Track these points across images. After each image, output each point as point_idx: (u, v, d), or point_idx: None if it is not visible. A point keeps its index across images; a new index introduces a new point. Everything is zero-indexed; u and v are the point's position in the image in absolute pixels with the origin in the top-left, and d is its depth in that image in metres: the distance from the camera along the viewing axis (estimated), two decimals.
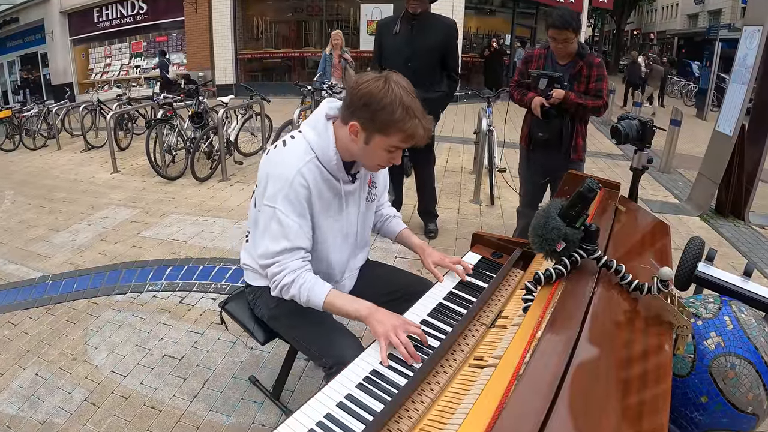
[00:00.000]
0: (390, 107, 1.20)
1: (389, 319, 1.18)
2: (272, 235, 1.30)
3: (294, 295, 1.32)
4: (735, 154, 4.12)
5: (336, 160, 1.32)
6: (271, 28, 13.04)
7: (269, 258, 1.32)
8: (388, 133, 1.23)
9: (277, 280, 1.32)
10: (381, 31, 3.22)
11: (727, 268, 1.46)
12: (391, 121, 1.21)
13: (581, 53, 2.57)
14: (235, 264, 3.06)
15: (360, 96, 1.23)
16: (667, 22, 36.40)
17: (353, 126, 1.25)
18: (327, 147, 1.31)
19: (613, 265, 1.10)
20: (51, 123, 7.76)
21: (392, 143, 1.25)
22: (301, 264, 1.32)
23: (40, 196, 4.87)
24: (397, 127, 1.22)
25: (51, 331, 2.49)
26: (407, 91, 1.23)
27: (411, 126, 1.22)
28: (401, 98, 1.20)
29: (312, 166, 1.31)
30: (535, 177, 2.87)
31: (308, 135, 1.34)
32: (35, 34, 14.85)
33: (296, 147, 1.33)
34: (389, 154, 1.29)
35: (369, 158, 1.32)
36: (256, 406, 1.94)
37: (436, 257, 1.52)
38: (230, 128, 5.71)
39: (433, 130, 3.35)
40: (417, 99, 1.25)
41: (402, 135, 1.23)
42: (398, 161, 1.32)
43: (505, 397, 0.81)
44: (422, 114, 1.24)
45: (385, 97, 1.20)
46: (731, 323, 1.13)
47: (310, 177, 1.30)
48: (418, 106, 1.24)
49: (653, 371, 0.89)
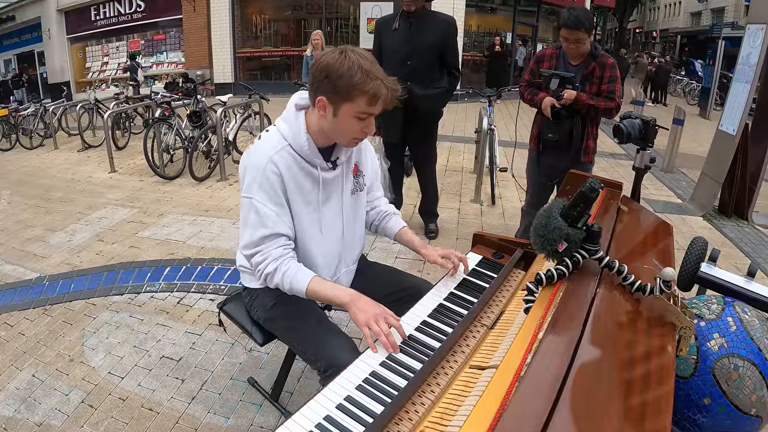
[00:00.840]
0: (348, 72, 1.22)
1: (371, 307, 1.22)
2: (251, 224, 1.33)
3: (278, 284, 1.35)
4: (738, 153, 4.12)
5: (308, 145, 1.35)
6: (270, 26, 13.04)
7: (252, 248, 1.35)
8: (351, 98, 1.25)
9: (260, 269, 1.35)
10: (380, 29, 3.23)
11: (731, 269, 1.46)
12: (351, 85, 1.23)
13: (594, 54, 2.54)
14: (233, 264, 3.06)
15: (320, 70, 1.26)
16: (670, 20, 36.42)
17: (320, 101, 1.28)
18: (298, 133, 1.35)
19: (616, 265, 1.10)
20: (48, 122, 7.76)
21: (359, 108, 1.26)
22: (283, 252, 1.35)
23: (36, 196, 4.87)
24: (359, 89, 1.24)
25: (48, 332, 2.49)
26: (365, 58, 1.26)
27: (373, 86, 1.24)
28: (359, 63, 1.23)
29: (285, 153, 1.34)
30: (543, 178, 2.86)
31: (281, 126, 1.38)
32: (32, 33, 14.86)
33: (270, 138, 1.37)
34: (360, 122, 1.30)
35: (342, 132, 1.33)
36: (254, 407, 1.94)
37: (440, 250, 1.51)
38: (229, 127, 5.72)
39: (435, 126, 3.36)
40: (377, 65, 1.28)
41: (366, 97, 1.25)
42: (371, 130, 1.34)
43: (506, 398, 0.81)
44: (384, 76, 1.26)
45: (342, 65, 1.23)
46: (734, 324, 1.12)
47: (282, 164, 1.33)
48: (379, 69, 1.27)
49: (656, 373, 0.89)
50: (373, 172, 1.61)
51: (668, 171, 5.76)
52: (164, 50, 13.70)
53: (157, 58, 13.80)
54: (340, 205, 1.48)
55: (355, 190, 1.52)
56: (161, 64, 13.73)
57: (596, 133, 2.71)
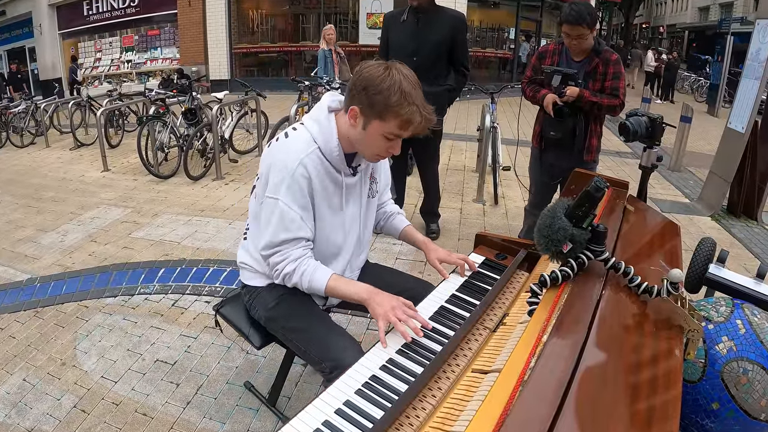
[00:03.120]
0: (387, 91, 1.23)
1: (388, 300, 1.25)
2: (274, 226, 1.35)
3: (296, 283, 1.38)
4: (747, 151, 4.12)
5: (338, 151, 1.36)
6: (267, 21, 13.04)
7: (271, 248, 1.37)
8: (384, 117, 1.26)
9: (279, 268, 1.38)
10: (387, 23, 3.25)
11: (740, 270, 1.46)
12: (387, 105, 1.24)
13: (597, 49, 2.53)
14: (229, 266, 3.07)
15: (361, 80, 1.27)
16: (677, 15, 36.43)
17: (353, 110, 1.30)
18: (330, 138, 1.35)
19: (622, 266, 1.10)
20: (39, 120, 7.75)
21: (389, 129, 1.28)
22: (303, 252, 1.38)
23: (27, 196, 4.87)
24: (394, 111, 1.24)
25: (39, 335, 2.49)
26: (409, 80, 1.26)
27: (408, 112, 1.25)
28: (400, 84, 1.24)
29: (314, 157, 1.34)
30: (545, 177, 2.86)
31: (311, 127, 1.38)
32: (23, 28, 14.85)
33: (299, 138, 1.37)
34: (387, 142, 1.31)
35: (367, 146, 1.34)
36: (251, 413, 1.94)
37: (441, 254, 1.54)
38: (225, 125, 5.71)
39: (441, 126, 3.36)
40: (420, 90, 1.28)
41: (398, 120, 1.26)
42: (397, 151, 1.35)
43: (509, 403, 0.81)
44: (422, 103, 1.27)
45: (383, 81, 1.24)
46: (744, 327, 1.12)
47: (312, 168, 1.34)
48: (420, 95, 1.27)
49: (663, 377, 0.89)
50: (385, 178, 1.65)
51: (675, 170, 5.76)
52: (158, 46, 13.69)
53: (151, 54, 13.79)
54: (359, 211, 1.51)
55: (369, 196, 1.55)
56: (155, 60, 13.73)
57: (600, 131, 2.71)
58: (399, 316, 1.20)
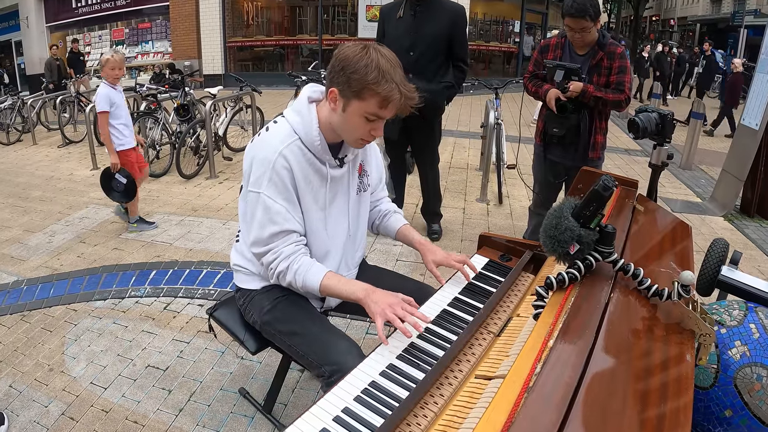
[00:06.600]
0: (364, 69, 1.24)
1: (386, 297, 1.26)
2: (260, 221, 1.35)
3: (290, 282, 1.38)
4: (762, 149, 4.12)
5: (320, 141, 1.37)
6: (263, 14, 13.05)
7: (261, 246, 1.37)
8: (363, 96, 1.27)
9: (272, 268, 1.38)
10: (384, 16, 3.23)
11: (754, 272, 1.46)
12: (365, 82, 1.25)
13: (601, 43, 2.53)
14: (223, 267, 3.07)
15: (338, 61, 1.29)
16: (689, 8, 36.42)
17: (332, 92, 1.31)
18: (310, 128, 1.36)
19: (631, 268, 1.10)
20: (26, 116, 7.75)
21: (369, 109, 1.28)
22: (294, 248, 1.38)
23: (14, 195, 4.87)
24: (371, 89, 1.25)
25: (26, 339, 2.49)
26: (387, 58, 1.28)
27: (386, 89, 1.25)
28: (377, 62, 1.25)
29: (294, 147, 1.36)
30: (549, 175, 2.86)
31: (291, 118, 1.39)
32: (9, 21, 14.84)
33: (279, 130, 1.38)
34: (368, 123, 1.31)
35: (349, 130, 1.35)
36: (246, 420, 1.94)
37: (439, 256, 1.50)
38: (218, 122, 5.72)
39: (439, 127, 3.36)
40: (400, 69, 1.29)
41: (377, 99, 1.26)
42: (380, 134, 1.36)
43: (514, 410, 0.81)
44: (401, 80, 1.28)
45: (360, 60, 1.25)
46: (757, 331, 1.12)
47: (292, 159, 1.35)
48: (399, 73, 1.28)
49: (674, 383, 0.89)
50: (378, 173, 1.64)
51: (687, 168, 5.76)
52: (150, 40, 13.69)
53: (142, 48, 13.80)
54: (347, 205, 1.50)
55: (359, 190, 1.54)
56: (147, 54, 13.73)
57: (605, 127, 2.71)
58: (397, 313, 1.20)
